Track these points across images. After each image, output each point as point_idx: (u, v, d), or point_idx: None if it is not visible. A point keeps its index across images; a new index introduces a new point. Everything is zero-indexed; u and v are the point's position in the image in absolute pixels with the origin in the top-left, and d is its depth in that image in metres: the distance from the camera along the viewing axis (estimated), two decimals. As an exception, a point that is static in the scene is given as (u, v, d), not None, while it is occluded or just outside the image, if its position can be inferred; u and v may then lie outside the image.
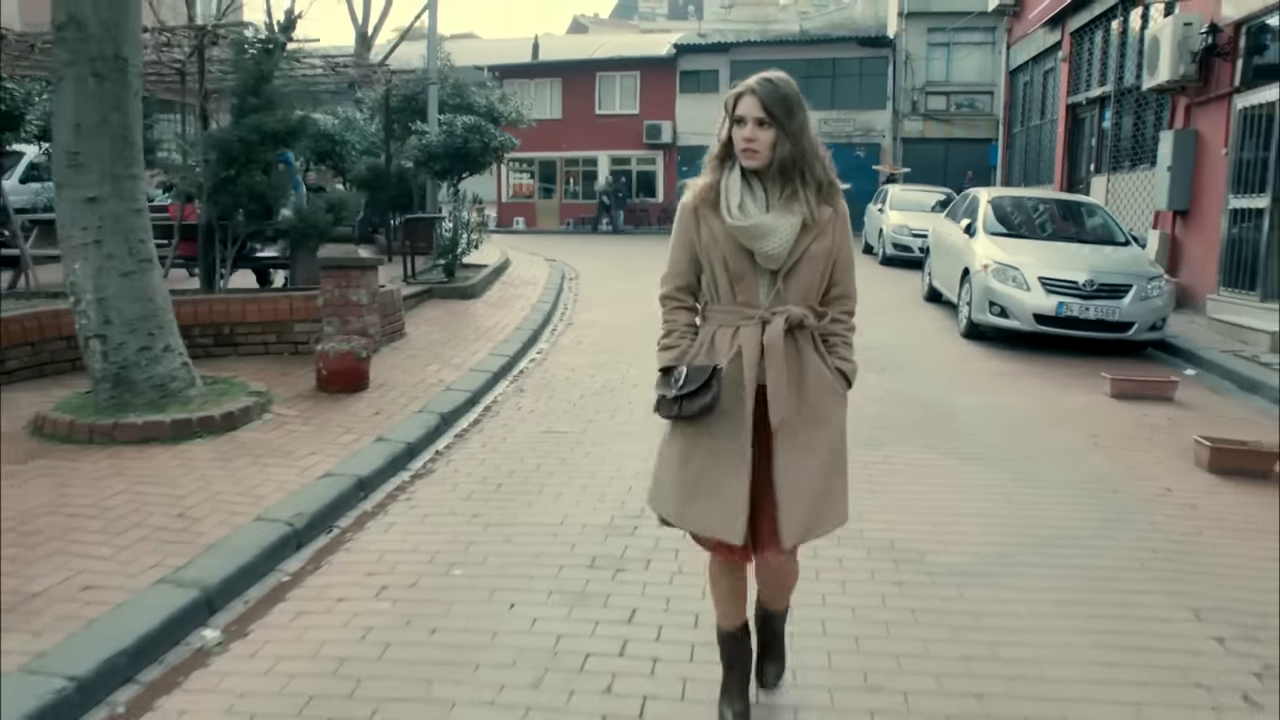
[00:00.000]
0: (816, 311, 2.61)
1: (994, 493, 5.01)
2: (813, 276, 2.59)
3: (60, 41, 5.55)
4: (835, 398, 2.64)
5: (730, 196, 2.54)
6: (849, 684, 3.05)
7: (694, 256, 2.62)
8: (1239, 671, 3.14)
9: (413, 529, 4.42)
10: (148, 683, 3.09)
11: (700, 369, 2.54)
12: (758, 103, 2.48)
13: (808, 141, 2.52)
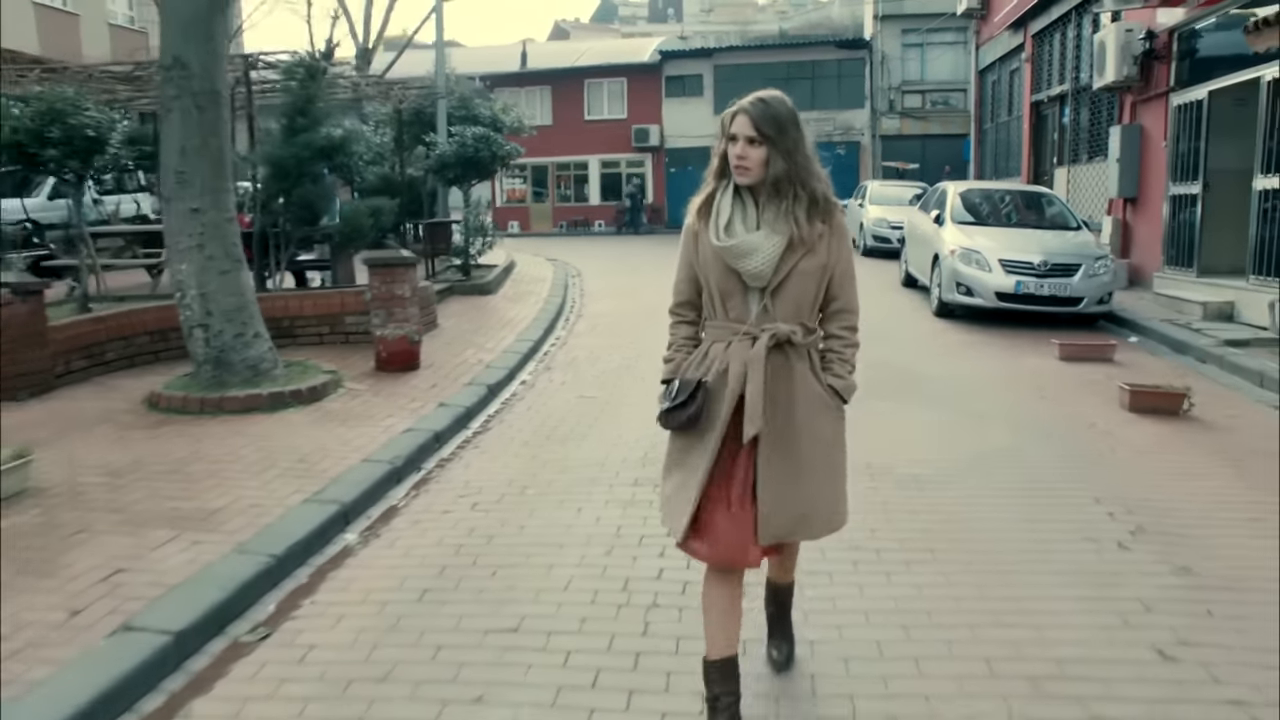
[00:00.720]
0: (807, 328, 2.67)
1: (952, 430, 6.13)
2: (803, 293, 2.63)
3: (168, 80, 6.62)
4: (828, 412, 2.69)
5: (720, 216, 2.62)
6: (837, 541, 4.15)
7: (693, 274, 2.71)
8: (1119, 531, 4.28)
9: (486, 466, 5.52)
10: (318, 565, 4.17)
11: (688, 383, 2.63)
12: (749, 121, 2.56)
13: (801, 158, 2.59)
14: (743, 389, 2.54)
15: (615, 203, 32.58)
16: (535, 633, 3.43)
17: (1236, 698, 2.94)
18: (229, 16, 6.97)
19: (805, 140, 2.61)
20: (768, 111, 2.57)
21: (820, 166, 2.65)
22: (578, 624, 3.50)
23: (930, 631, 3.39)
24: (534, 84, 31.82)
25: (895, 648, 3.28)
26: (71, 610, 3.48)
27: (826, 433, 2.68)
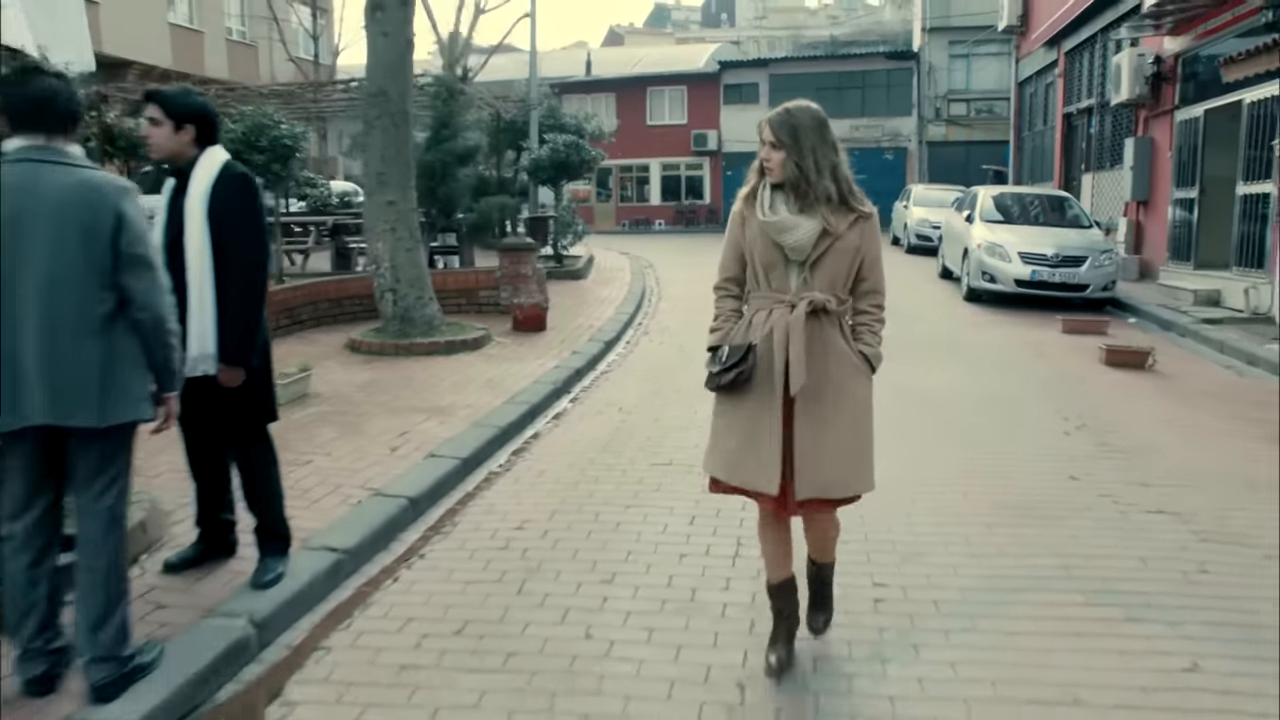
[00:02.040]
0: (841, 299, 3.00)
1: (964, 374, 8.07)
2: (838, 269, 2.97)
3: (373, 104, 8.79)
4: (858, 375, 3.01)
5: (764, 199, 2.99)
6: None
7: (739, 253, 3.06)
8: (1068, 427, 6.23)
9: (619, 389, 7.58)
10: (524, 439, 6.25)
11: (738, 347, 2.97)
12: (770, 129, 2.95)
13: (816, 162, 2.91)
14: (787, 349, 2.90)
15: (674, 203, 34.63)
16: (681, 465, 5.47)
17: (1106, 492, 4.92)
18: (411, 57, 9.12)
19: (825, 145, 2.94)
20: (787, 120, 2.95)
21: (845, 169, 2.98)
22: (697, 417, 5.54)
23: (939, 479, 5.38)
24: (600, 91, 33.92)
25: (913, 488, 5.27)
26: (391, 448, 5.60)
27: (860, 393, 3.01)
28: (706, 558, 4.17)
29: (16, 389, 2.74)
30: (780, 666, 3.14)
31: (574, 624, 3.55)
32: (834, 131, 3.03)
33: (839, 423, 2.97)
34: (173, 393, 3.02)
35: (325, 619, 3.67)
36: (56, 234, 2.75)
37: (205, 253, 3.44)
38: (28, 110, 2.81)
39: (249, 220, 3.51)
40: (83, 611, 2.90)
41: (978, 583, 3.91)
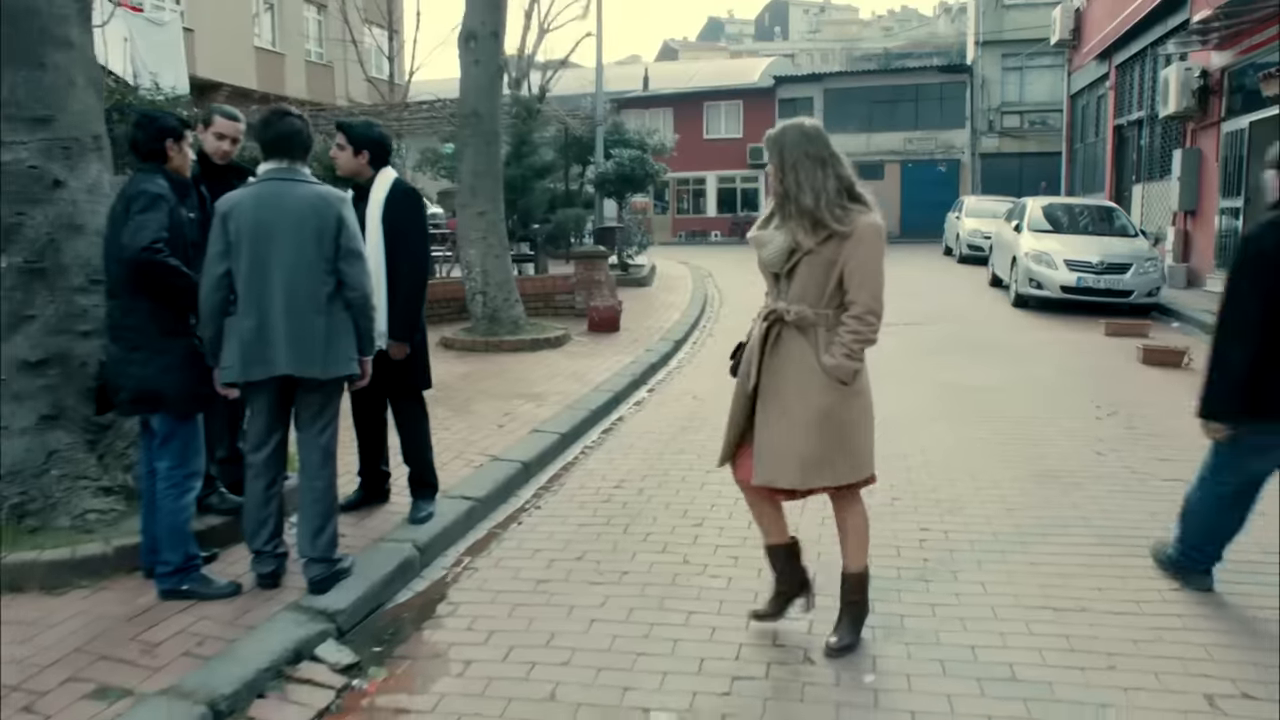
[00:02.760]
0: (819, 311, 3.14)
1: (1008, 370, 8.74)
2: (810, 281, 3.10)
3: (466, 123, 9.75)
4: (820, 382, 3.13)
5: (764, 214, 3.26)
6: (931, 407, 6.85)
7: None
8: (1100, 413, 6.90)
9: (691, 381, 8.40)
10: (611, 420, 7.08)
11: (740, 345, 3.41)
12: (764, 146, 3.26)
13: (797, 179, 3.08)
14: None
15: (730, 215, 35.44)
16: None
17: (1127, 465, 5.61)
18: (501, 83, 10.07)
19: (809, 162, 3.07)
20: (774, 139, 3.18)
21: (831, 185, 3.08)
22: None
23: (980, 452, 6.11)
24: (657, 106, 34.85)
25: (956, 459, 6.01)
26: (498, 425, 6.48)
27: (818, 400, 3.13)
28: (778, 508, 4.96)
29: (268, 349, 3.64)
30: (754, 616, 3.56)
31: (673, 553, 4.36)
32: (830, 147, 3.15)
33: (790, 424, 3.16)
34: (369, 356, 3.91)
35: (469, 549, 4.54)
36: (296, 235, 3.65)
37: (381, 252, 4.34)
38: (277, 142, 3.73)
39: (416, 227, 4.42)
40: (304, 522, 3.79)
41: (1007, 529, 4.64)
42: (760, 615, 3.59)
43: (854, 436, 3.24)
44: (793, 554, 3.57)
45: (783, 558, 3.55)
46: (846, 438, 3.21)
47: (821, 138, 3.19)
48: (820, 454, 3.18)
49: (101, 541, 4.02)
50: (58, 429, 4.26)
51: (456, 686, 3.22)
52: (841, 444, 3.20)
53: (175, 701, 2.96)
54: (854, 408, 3.22)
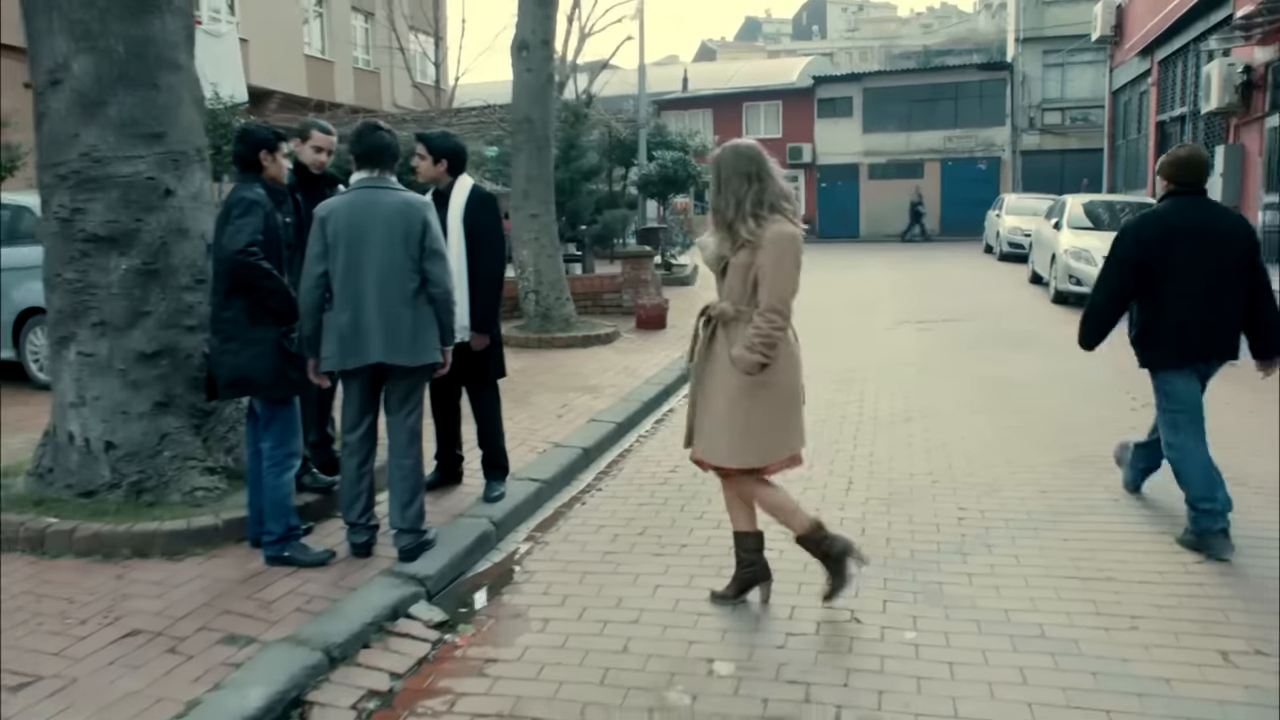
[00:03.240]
0: (741, 309, 3.52)
1: (1045, 363, 8.98)
2: (734, 283, 3.52)
3: (519, 130, 10.17)
4: (732, 374, 3.53)
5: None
6: (980, 388, 7.14)
7: None
8: (1133, 404, 7.14)
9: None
10: (663, 412, 7.44)
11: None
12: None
13: (724, 194, 3.51)
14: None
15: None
16: (797, 430, 6.59)
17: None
18: (553, 90, 10.48)
19: (737, 177, 3.48)
20: (715, 158, 3.64)
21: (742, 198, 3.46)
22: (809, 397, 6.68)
23: (1015, 440, 6.39)
24: (696, 107, 35.16)
25: (992, 446, 6.29)
26: (557, 415, 6.87)
27: (730, 387, 3.55)
28: (825, 489, 5.31)
29: (362, 340, 4.05)
30: (713, 597, 3.86)
31: (727, 529, 4.64)
32: (760, 165, 3.51)
33: (714, 407, 3.62)
34: (450, 346, 4.30)
35: (538, 525, 4.94)
36: (386, 237, 4.05)
37: (461, 252, 4.74)
38: (369, 154, 4.14)
39: (493, 228, 4.82)
40: (394, 497, 4.19)
41: (1041, 509, 4.94)
42: (718, 596, 3.89)
43: (757, 425, 3.59)
44: (759, 544, 3.89)
45: (740, 541, 3.90)
46: (751, 425, 3.58)
47: (752, 157, 3.55)
48: (730, 435, 3.60)
49: (212, 514, 4.46)
50: (169, 414, 4.72)
51: (538, 640, 3.60)
52: (747, 430, 3.58)
53: (295, 647, 3.37)
54: (760, 398, 3.57)
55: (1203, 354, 4.52)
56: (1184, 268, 4.39)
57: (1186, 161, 4.51)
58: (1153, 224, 4.51)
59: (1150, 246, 4.44)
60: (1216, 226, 4.46)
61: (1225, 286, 4.42)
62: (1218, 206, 4.74)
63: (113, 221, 4.58)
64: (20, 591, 3.85)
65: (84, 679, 3.16)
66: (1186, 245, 4.39)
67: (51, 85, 4.54)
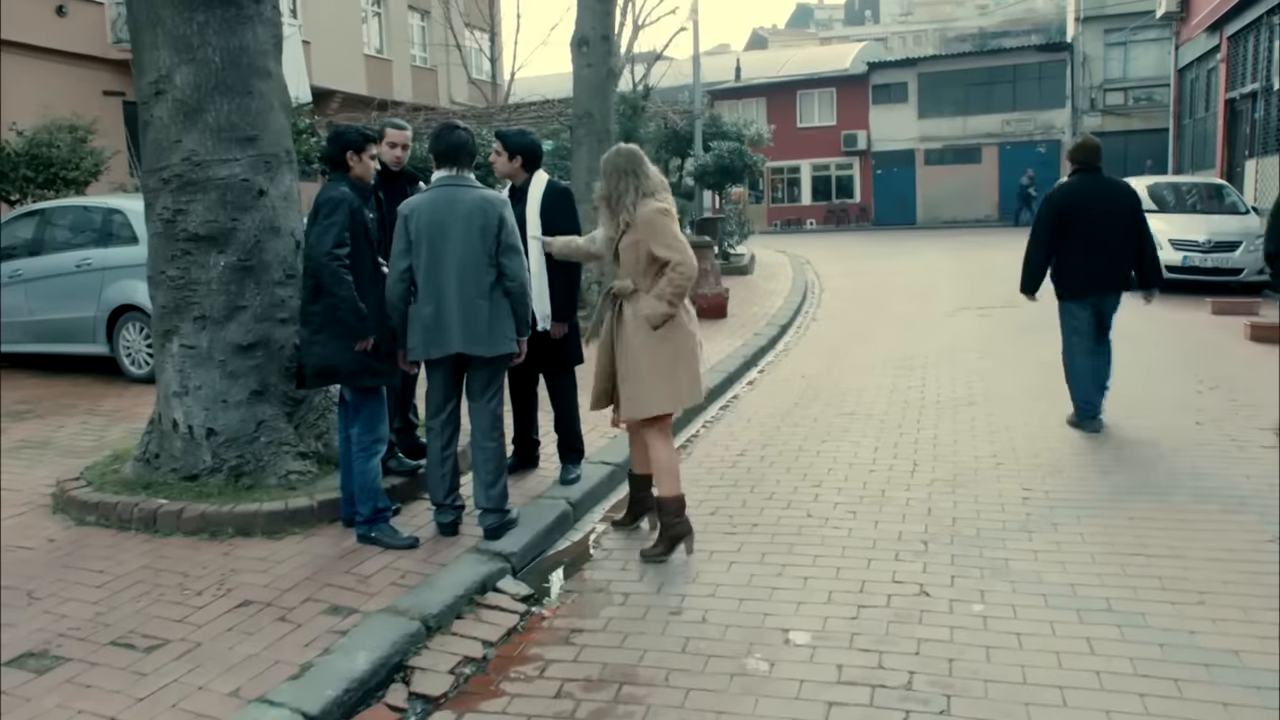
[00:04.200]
0: (636, 280, 4.17)
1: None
2: (628, 260, 4.17)
3: (579, 124, 10.38)
4: (640, 331, 4.14)
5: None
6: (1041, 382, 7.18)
7: None
8: (1201, 388, 7.10)
9: (798, 364, 8.85)
10: (723, 405, 7.60)
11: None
12: None
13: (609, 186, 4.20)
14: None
15: (825, 203, 35.56)
16: (861, 415, 6.71)
17: (1225, 433, 5.87)
18: (614, 85, 10.66)
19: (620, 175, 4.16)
20: (603, 159, 4.36)
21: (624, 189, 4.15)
22: (871, 383, 6.78)
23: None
24: (750, 96, 35.12)
25: (1055, 429, 6.34)
26: (625, 402, 7.05)
27: (636, 343, 4.16)
28: (890, 471, 5.42)
29: (444, 331, 4.27)
30: (614, 524, 4.74)
31: (796, 509, 4.87)
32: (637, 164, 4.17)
33: (636, 368, 4.20)
34: (525, 337, 4.49)
35: (613, 506, 5.14)
36: (465, 233, 4.26)
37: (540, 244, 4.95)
38: (447, 153, 4.35)
39: (570, 220, 5.02)
40: (479, 477, 4.42)
41: (1106, 489, 5.01)
42: (617, 523, 4.75)
43: (674, 373, 4.21)
44: (647, 483, 4.53)
45: (636, 484, 4.66)
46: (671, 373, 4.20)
47: (630, 157, 4.22)
48: (637, 388, 4.21)
49: (307, 496, 4.74)
50: (264, 402, 5.01)
51: (621, 612, 3.80)
52: (670, 376, 4.20)
53: (394, 617, 3.61)
54: (671, 348, 4.20)
55: (1095, 289, 6.09)
56: (1082, 225, 5.99)
57: (1083, 148, 6.25)
58: (1062, 194, 6.16)
59: (1061, 210, 6.06)
60: (1107, 193, 6.07)
61: (1114, 238, 5.98)
62: (1108, 179, 6.21)
63: (211, 221, 4.87)
64: (140, 566, 4.16)
65: (207, 643, 3.43)
66: (1084, 208, 6.00)
67: (155, 95, 4.84)
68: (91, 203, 9.32)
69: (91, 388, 8.29)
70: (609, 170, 4.23)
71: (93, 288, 8.48)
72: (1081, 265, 6.03)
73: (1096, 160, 6.19)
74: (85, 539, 4.53)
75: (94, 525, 4.70)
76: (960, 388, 7.54)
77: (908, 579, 3.96)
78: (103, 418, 7.15)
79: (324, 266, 4.22)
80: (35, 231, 9.16)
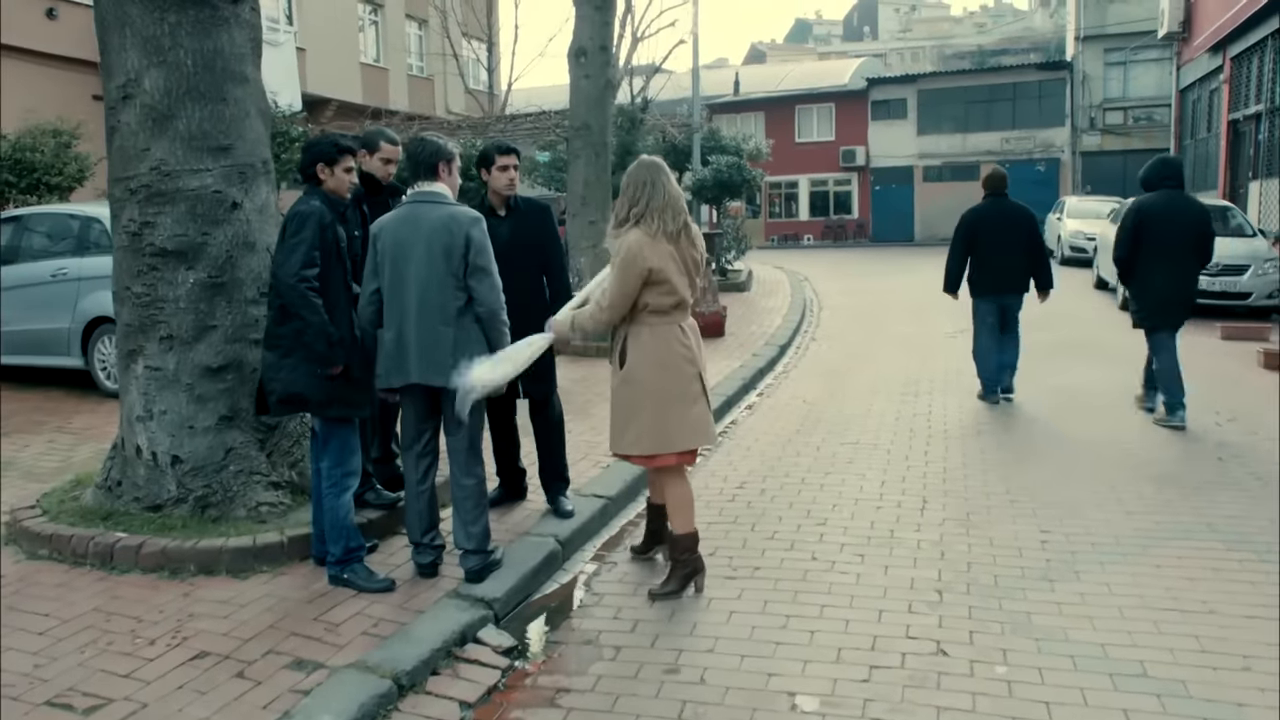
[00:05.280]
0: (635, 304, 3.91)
1: (1122, 374, 8.66)
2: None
3: (576, 135, 10.11)
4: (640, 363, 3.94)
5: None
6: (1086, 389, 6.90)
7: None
8: (1230, 435, 6.81)
9: (798, 387, 8.55)
10: (721, 431, 7.30)
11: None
12: None
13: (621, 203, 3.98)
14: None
15: (823, 218, 35.35)
16: (866, 444, 6.41)
17: (1250, 470, 5.58)
18: (612, 96, 10.40)
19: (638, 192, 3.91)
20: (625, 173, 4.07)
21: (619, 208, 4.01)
22: (874, 409, 6.48)
23: (1095, 456, 6.14)
24: (748, 110, 34.92)
25: (1070, 463, 6.05)
26: (618, 427, 6.74)
27: (625, 374, 4.00)
28: (899, 509, 5.12)
29: (403, 358, 3.96)
30: (633, 552, 4.56)
31: (800, 551, 4.56)
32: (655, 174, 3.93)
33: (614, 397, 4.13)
34: None
35: (604, 544, 4.84)
36: (427, 253, 3.92)
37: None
38: (416, 165, 4.04)
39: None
40: (458, 516, 4.10)
41: (1129, 532, 4.71)
42: (635, 550, 4.57)
43: (629, 414, 4.00)
44: (663, 513, 4.28)
45: (652, 514, 4.47)
46: (624, 414, 4.03)
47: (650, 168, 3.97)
48: (626, 423, 4.03)
49: (277, 531, 4.42)
50: (234, 428, 4.69)
51: (611, 669, 3.49)
52: (622, 420, 4.04)
53: (363, 674, 3.29)
54: (624, 394, 4.03)
55: (999, 290, 7.55)
56: (988, 240, 7.49)
57: (991, 178, 7.75)
58: (973, 214, 7.67)
59: (972, 227, 7.58)
60: (1009, 214, 7.55)
61: (1013, 250, 7.48)
62: (1012, 202, 7.63)
63: (180, 235, 4.56)
64: (91, 609, 3.83)
65: (154, 704, 3.11)
66: (989, 226, 7.51)
67: (123, 100, 4.53)
68: (70, 210, 9.01)
69: (64, 403, 7.97)
70: (625, 183, 3.98)
71: (68, 298, 8.16)
72: (987, 271, 7.51)
73: (1003, 187, 7.64)
74: (35, 575, 4.21)
75: (46, 559, 4.37)
76: (967, 415, 7.25)
77: (923, 634, 3.66)
78: (71, 436, 6.83)
79: (290, 288, 3.91)
80: (11, 239, 8.84)
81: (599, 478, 5.56)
